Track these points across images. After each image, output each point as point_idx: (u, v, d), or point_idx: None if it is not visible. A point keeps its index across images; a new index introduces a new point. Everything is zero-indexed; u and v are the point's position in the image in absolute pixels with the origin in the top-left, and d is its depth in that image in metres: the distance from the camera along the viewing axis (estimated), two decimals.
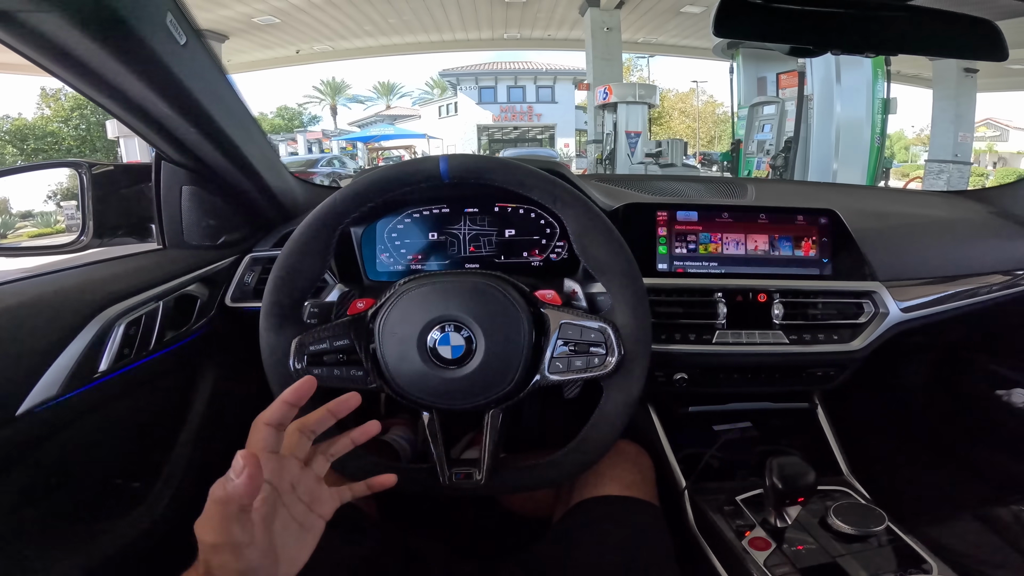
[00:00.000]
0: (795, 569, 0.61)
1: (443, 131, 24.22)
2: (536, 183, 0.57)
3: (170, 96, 0.58)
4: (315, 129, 26.42)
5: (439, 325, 0.55)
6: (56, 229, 7.64)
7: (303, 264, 0.57)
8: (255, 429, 0.41)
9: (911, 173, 13.77)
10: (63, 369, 0.56)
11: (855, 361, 0.83)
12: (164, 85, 0.57)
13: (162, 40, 0.53)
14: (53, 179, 0.87)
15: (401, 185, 0.57)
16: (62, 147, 16.88)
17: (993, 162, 20.08)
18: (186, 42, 0.56)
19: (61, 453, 0.60)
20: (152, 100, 0.58)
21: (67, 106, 17.24)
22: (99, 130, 16.60)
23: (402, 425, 1.18)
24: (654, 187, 1.03)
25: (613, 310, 0.58)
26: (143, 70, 0.54)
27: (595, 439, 0.57)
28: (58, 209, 9.35)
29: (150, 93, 0.56)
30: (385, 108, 30.43)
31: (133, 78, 0.54)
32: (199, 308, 0.77)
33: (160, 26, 0.52)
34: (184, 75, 0.57)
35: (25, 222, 8.66)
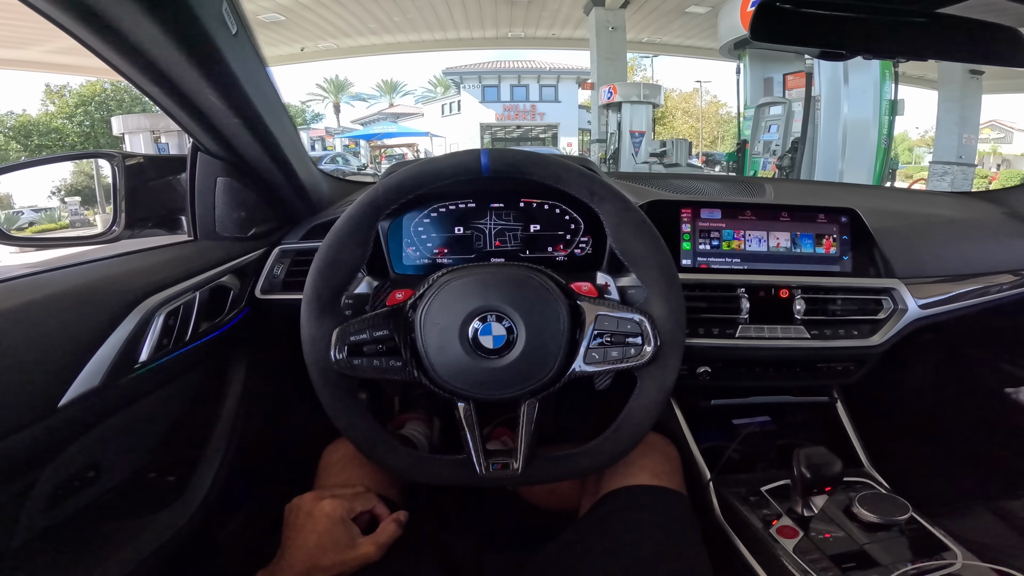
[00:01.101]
0: (824, 555, 0.62)
1: (446, 129, 24.21)
2: (574, 178, 0.58)
3: (219, 85, 0.59)
4: (318, 127, 26.44)
5: (481, 315, 0.56)
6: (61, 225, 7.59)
7: (344, 255, 0.58)
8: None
9: (915, 175, 13.76)
10: (105, 359, 0.55)
11: (874, 356, 0.84)
12: (214, 73, 0.57)
13: (217, 28, 0.53)
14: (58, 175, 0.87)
15: (442, 178, 0.59)
16: (66, 143, 16.92)
17: (997, 164, 20.04)
18: (236, 32, 0.56)
19: (99, 445, 0.60)
20: (201, 88, 0.58)
21: (71, 102, 17.27)
22: (103, 127, 16.62)
23: (417, 420, 1.20)
24: (675, 185, 1.04)
25: (649, 301, 0.59)
26: (197, 57, 0.54)
27: (630, 428, 0.58)
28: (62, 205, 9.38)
29: (200, 80, 0.57)
30: (388, 106, 30.45)
31: (187, 64, 0.54)
32: (232, 299, 0.78)
33: (216, 14, 0.53)
34: (233, 64, 0.57)
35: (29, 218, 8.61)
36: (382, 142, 22.24)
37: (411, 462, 0.60)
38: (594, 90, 11.05)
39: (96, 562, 0.59)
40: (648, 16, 12.19)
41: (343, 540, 0.57)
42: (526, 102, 23.67)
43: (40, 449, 0.51)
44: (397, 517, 0.64)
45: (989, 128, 22.94)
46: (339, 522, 0.58)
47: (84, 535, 0.60)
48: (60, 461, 0.55)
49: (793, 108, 6.80)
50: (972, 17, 0.69)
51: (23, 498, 0.52)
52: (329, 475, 0.73)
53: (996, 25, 0.69)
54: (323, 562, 0.56)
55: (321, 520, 0.58)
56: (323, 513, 0.58)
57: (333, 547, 0.57)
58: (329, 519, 0.58)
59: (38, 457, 0.52)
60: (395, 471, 0.61)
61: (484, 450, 0.59)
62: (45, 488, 0.54)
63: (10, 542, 0.52)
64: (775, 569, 0.63)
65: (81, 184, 9.55)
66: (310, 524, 0.58)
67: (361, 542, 0.59)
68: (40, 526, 0.55)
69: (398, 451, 0.60)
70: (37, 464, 0.52)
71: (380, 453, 0.60)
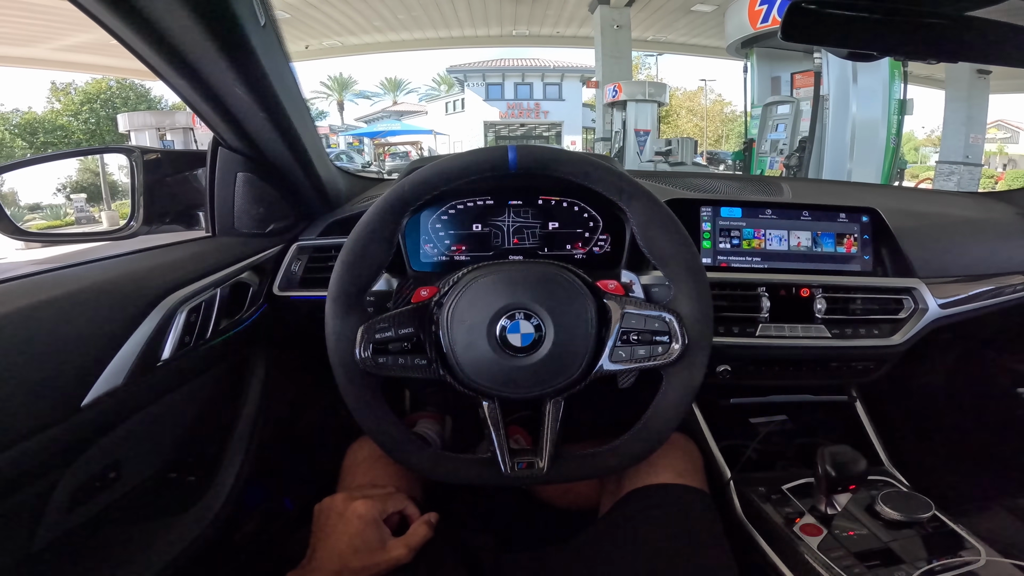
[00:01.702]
0: (849, 553, 0.62)
1: (450, 127, 24.23)
2: (602, 175, 0.58)
3: (246, 76, 0.58)
4: (322, 124, 26.46)
5: (509, 313, 0.56)
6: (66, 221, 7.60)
7: (370, 251, 0.57)
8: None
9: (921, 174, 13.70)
10: (128, 357, 0.54)
11: (895, 355, 0.84)
12: (242, 64, 0.57)
13: (247, 18, 0.53)
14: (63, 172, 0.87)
15: (469, 174, 0.58)
16: (72, 140, 16.97)
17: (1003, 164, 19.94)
18: (264, 23, 0.56)
19: (120, 445, 0.59)
20: (228, 80, 0.58)
21: (77, 100, 17.33)
22: (109, 124, 16.68)
23: (429, 419, 1.19)
24: (692, 184, 1.03)
25: (676, 299, 0.58)
26: (227, 47, 0.54)
27: (656, 427, 0.58)
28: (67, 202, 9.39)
29: (228, 71, 0.56)
30: (392, 104, 30.46)
31: (217, 54, 0.54)
32: (251, 296, 0.78)
33: (247, 4, 0.52)
34: (261, 56, 0.57)
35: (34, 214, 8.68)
36: (386, 140, 22.24)
37: (435, 462, 0.60)
38: (599, 88, 11.03)
39: (119, 564, 0.58)
40: (654, 14, 12.15)
41: (374, 542, 0.57)
42: (530, 100, 23.63)
43: (63, 450, 0.51)
44: (428, 519, 0.63)
45: (996, 128, 22.82)
46: (371, 523, 0.58)
47: (106, 536, 0.60)
48: (82, 462, 0.54)
49: (801, 107, 6.77)
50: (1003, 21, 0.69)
51: (45, 499, 0.51)
52: (355, 475, 0.73)
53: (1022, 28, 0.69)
54: (353, 564, 0.55)
55: (353, 522, 0.57)
56: (355, 514, 0.58)
57: (365, 549, 0.56)
58: (362, 520, 0.58)
59: (61, 458, 0.51)
60: (418, 471, 0.60)
61: (509, 449, 0.59)
62: (67, 489, 0.53)
63: (33, 544, 0.51)
64: (800, 567, 0.63)
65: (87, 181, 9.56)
66: (342, 526, 0.57)
67: (392, 544, 0.58)
68: (62, 528, 0.54)
69: (422, 451, 0.60)
70: (59, 465, 0.52)
71: (404, 452, 0.59)
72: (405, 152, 21.19)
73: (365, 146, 20.43)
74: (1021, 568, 0.59)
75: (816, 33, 0.62)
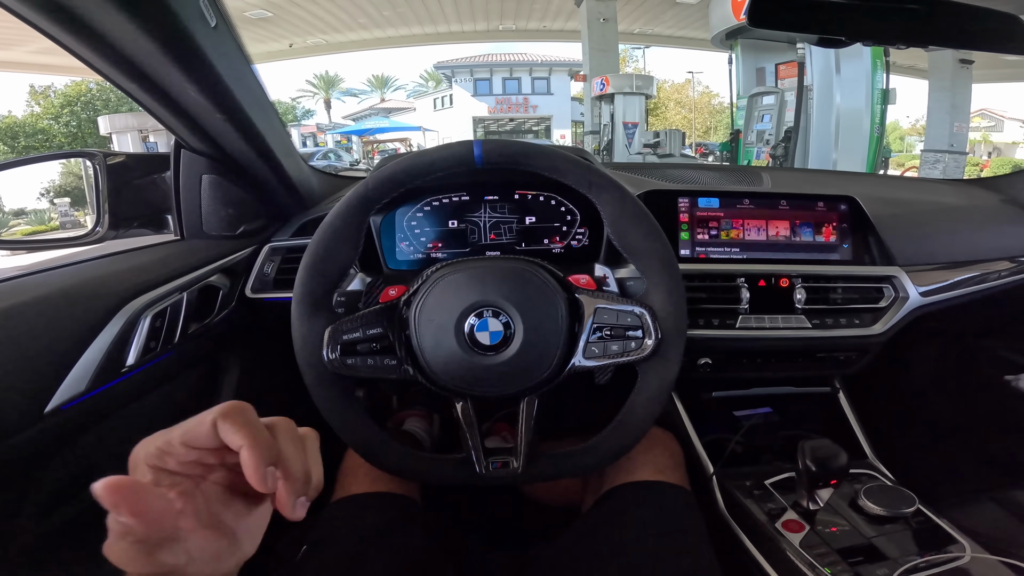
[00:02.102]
0: (831, 549, 0.61)
1: (438, 124, 24.09)
2: (571, 168, 0.56)
3: (199, 80, 0.57)
4: (309, 123, 26.27)
5: (477, 311, 0.55)
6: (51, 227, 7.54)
7: (335, 251, 0.56)
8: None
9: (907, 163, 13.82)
10: (91, 364, 0.54)
11: (876, 345, 0.83)
12: (194, 68, 0.55)
13: (195, 21, 0.51)
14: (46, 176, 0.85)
15: (434, 171, 0.57)
16: (53, 144, 16.72)
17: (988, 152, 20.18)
18: (216, 24, 0.54)
19: (89, 452, 0.59)
20: (181, 84, 0.56)
21: (57, 103, 17.07)
22: (90, 127, 16.44)
23: (417, 417, 1.18)
24: (671, 175, 1.03)
25: (649, 293, 0.57)
26: (175, 51, 0.52)
27: (632, 424, 0.57)
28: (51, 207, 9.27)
29: (180, 76, 0.55)
30: (380, 101, 30.23)
31: (165, 60, 0.52)
32: (221, 299, 0.77)
33: (193, 7, 0.51)
34: (214, 58, 0.55)
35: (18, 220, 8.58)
36: (374, 137, 22.11)
37: (409, 462, 0.59)
38: (587, 82, 11.00)
39: (92, 568, 0.57)
40: (639, 7, 12.14)
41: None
42: (518, 95, 23.55)
43: (29, 456, 0.50)
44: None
45: (980, 116, 23.06)
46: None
47: (80, 542, 0.59)
48: (52, 467, 0.54)
49: (786, 97, 6.80)
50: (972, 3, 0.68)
51: (16, 507, 0.51)
52: (356, 475, 0.71)
53: (996, 12, 0.69)
54: None
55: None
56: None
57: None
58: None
59: (28, 464, 0.51)
60: (393, 472, 0.60)
61: (484, 448, 0.58)
62: (38, 495, 0.53)
63: (5, 551, 0.51)
64: (782, 564, 0.62)
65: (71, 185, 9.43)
66: None
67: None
68: (35, 534, 0.54)
69: (396, 451, 0.59)
70: (27, 472, 0.51)
71: (377, 454, 0.58)
72: (394, 149, 21.06)
73: (354, 144, 20.28)
74: (1007, 564, 0.59)
75: (783, 19, 0.61)
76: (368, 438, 0.58)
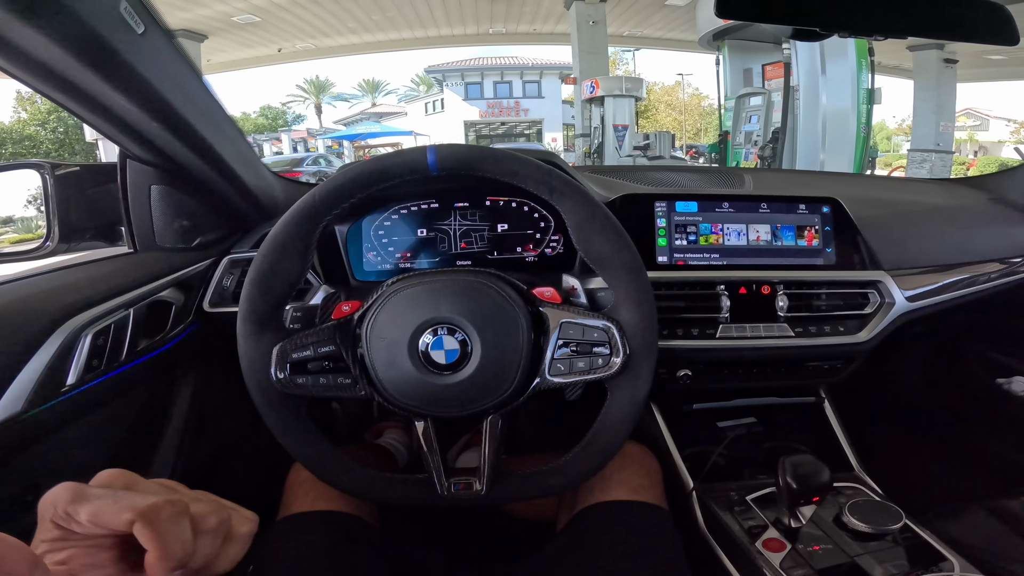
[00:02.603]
0: (813, 571, 0.59)
1: (430, 128, 24.07)
2: (530, 173, 0.53)
3: (130, 89, 0.54)
4: (300, 128, 26.14)
5: (431, 328, 0.51)
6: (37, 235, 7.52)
7: (281, 266, 0.53)
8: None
9: (893, 163, 13.96)
10: (27, 383, 0.52)
11: (862, 353, 0.80)
12: (122, 78, 0.52)
13: (117, 30, 0.48)
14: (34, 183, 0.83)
15: (385, 179, 0.53)
16: (40, 151, 16.55)
17: (974, 151, 20.43)
18: (144, 31, 0.51)
19: (34, 469, 0.57)
20: (110, 95, 0.53)
21: (44, 109, 16.90)
22: (77, 132, 16.29)
23: (396, 428, 1.15)
24: (650, 178, 1.00)
25: (616, 306, 0.54)
26: (99, 63, 0.49)
27: (600, 444, 0.54)
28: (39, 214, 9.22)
29: (107, 87, 0.52)
30: (371, 106, 30.18)
31: (88, 72, 0.49)
32: (174, 314, 0.73)
33: (113, 14, 0.48)
34: (143, 67, 0.52)
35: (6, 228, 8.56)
36: (366, 142, 22.02)
37: (365, 482, 0.56)
38: (577, 85, 11.02)
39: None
40: (628, 9, 12.17)
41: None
42: (510, 98, 23.58)
43: None
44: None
45: (965, 116, 23.33)
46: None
47: None
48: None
49: (773, 98, 6.82)
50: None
51: None
52: (296, 495, 0.68)
53: (982, 1, 0.66)
54: None
55: None
56: None
57: None
58: None
59: None
60: (350, 493, 0.57)
61: (445, 469, 0.55)
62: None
63: None
64: None
65: None
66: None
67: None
68: None
69: (352, 472, 0.56)
70: None
71: (333, 475, 0.56)
72: None
73: (345, 149, 20.20)
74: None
75: (752, 8, 0.58)
76: (324, 458, 0.55)
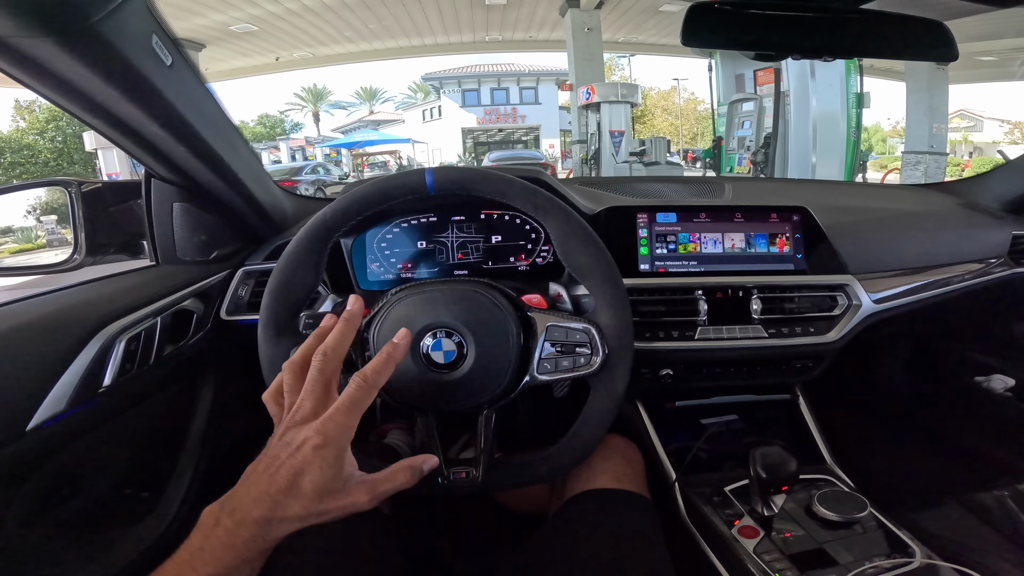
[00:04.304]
0: (783, 555, 0.63)
1: (427, 135, 24.19)
2: (517, 192, 0.60)
3: (159, 117, 0.59)
4: (298, 136, 26.24)
5: (431, 331, 0.58)
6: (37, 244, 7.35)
7: (297, 277, 0.59)
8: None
9: (889, 165, 14.04)
10: (69, 385, 0.58)
11: (832, 352, 0.86)
12: (153, 107, 0.58)
13: (149, 62, 0.54)
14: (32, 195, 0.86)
15: (388, 199, 0.60)
16: (39, 160, 16.56)
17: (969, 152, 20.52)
18: (172, 63, 0.57)
19: (70, 466, 0.62)
20: (141, 121, 0.59)
21: (42, 118, 16.92)
22: (76, 142, 16.30)
23: (399, 429, 1.20)
24: (635, 189, 1.06)
25: (596, 311, 0.60)
26: (132, 92, 0.55)
27: (585, 435, 0.60)
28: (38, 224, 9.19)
29: (139, 114, 0.58)
30: (368, 113, 30.31)
31: (123, 100, 0.55)
32: (195, 322, 0.79)
33: (146, 49, 0.53)
34: (172, 96, 0.58)
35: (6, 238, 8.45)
36: (364, 150, 22.14)
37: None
38: (573, 91, 11.12)
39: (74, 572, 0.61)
40: (623, 16, 12.29)
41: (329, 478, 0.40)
42: (507, 105, 23.72)
43: (12, 470, 0.54)
44: (414, 463, 0.48)
45: (959, 117, 23.47)
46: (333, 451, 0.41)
47: (61, 550, 0.62)
48: (34, 481, 0.58)
49: (764, 104, 6.92)
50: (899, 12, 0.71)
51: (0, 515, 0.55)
52: None
53: (923, 20, 0.71)
54: (287, 511, 0.39)
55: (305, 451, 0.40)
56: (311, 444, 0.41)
57: (312, 490, 0.40)
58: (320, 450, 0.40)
59: (11, 477, 0.55)
60: None
61: (446, 459, 0.61)
62: (20, 507, 0.56)
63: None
64: (737, 569, 0.64)
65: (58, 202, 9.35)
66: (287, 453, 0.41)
67: (353, 485, 0.43)
68: (19, 540, 0.57)
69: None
70: (10, 484, 0.55)
71: None
72: (383, 162, 21.08)
73: (343, 157, 20.28)
74: (956, 570, 0.60)
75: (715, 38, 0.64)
76: None
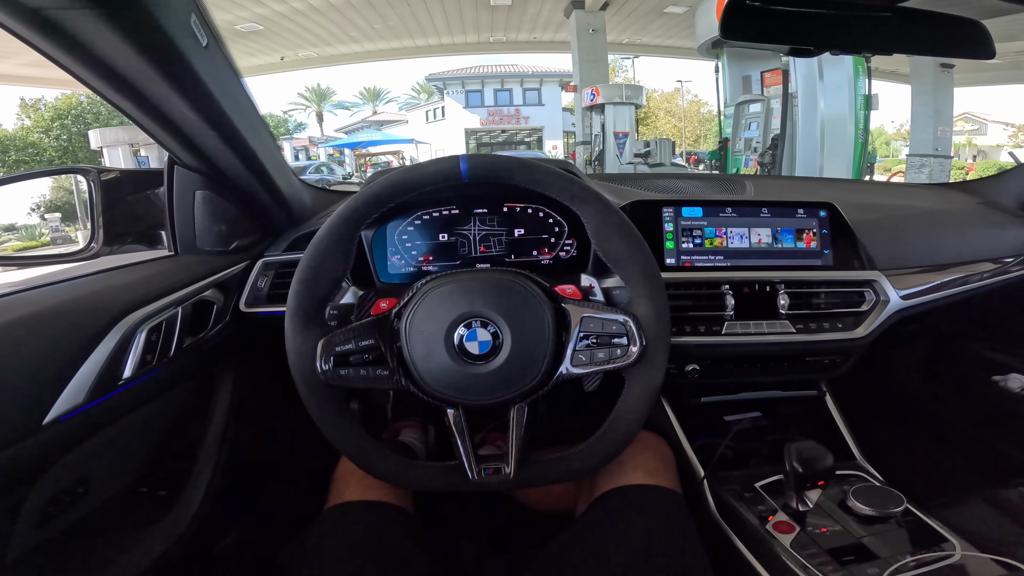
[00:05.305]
0: (822, 550, 0.62)
1: (431, 136, 24.19)
2: (554, 181, 0.58)
3: (192, 97, 0.58)
4: (301, 136, 26.27)
5: (465, 321, 0.56)
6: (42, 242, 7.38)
7: (326, 266, 0.58)
8: None
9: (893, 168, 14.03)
10: (88, 376, 0.56)
11: (859, 348, 0.85)
12: (186, 86, 0.57)
13: (186, 40, 0.53)
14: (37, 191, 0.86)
15: (422, 186, 0.58)
16: (44, 158, 16.61)
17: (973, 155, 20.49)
18: (208, 44, 0.56)
19: (87, 461, 0.60)
20: (174, 101, 0.58)
21: (47, 116, 16.98)
22: (80, 140, 16.35)
23: (412, 428, 1.19)
24: (656, 185, 1.05)
25: (633, 302, 0.59)
26: (168, 70, 0.54)
27: (620, 429, 0.59)
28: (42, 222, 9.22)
29: (173, 94, 0.57)
30: (372, 114, 30.35)
31: (158, 78, 0.54)
32: (215, 313, 0.77)
33: (185, 26, 0.52)
34: (206, 77, 0.57)
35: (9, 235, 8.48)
36: (367, 150, 22.14)
37: (401, 469, 0.60)
38: (577, 92, 11.12)
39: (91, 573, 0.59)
40: (628, 17, 12.29)
41: None
42: (510, 106, 23.72)
43: (27, 466, 0.52)
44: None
45: (963, 120, 23.42)
46: None
47: (77, 550, 0.61)
48: (49, 477, 0.56)
49: (772, 105, 6.91)
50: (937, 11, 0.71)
51: (14, 514, 0.53)
52: (348, 482, 0.72)
53: (960, 18, 0.71)
54: None
55: None
56: None
57: None
58: None
59: (26, 474, 0.53)
60: (386, 479, 0.61)
61: (475, 456, 0.59)
62: (35, 504, 0.55)
63: (3, 558, 0.52)
64: (774, 565, 0.63)
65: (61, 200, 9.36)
66: None
67: None
68: (32, 542, 0.55)
69: (388, 459, 0.60)
70: (25, 481, 0.53)
71: (370, 462, 0.60)
72: (387, 162, 21.07)
73: (346, 157, 20.30)
74: (997, 561, 0.59)
75: (755, 31, 0.64)
76: (362, 446, 0.59)
